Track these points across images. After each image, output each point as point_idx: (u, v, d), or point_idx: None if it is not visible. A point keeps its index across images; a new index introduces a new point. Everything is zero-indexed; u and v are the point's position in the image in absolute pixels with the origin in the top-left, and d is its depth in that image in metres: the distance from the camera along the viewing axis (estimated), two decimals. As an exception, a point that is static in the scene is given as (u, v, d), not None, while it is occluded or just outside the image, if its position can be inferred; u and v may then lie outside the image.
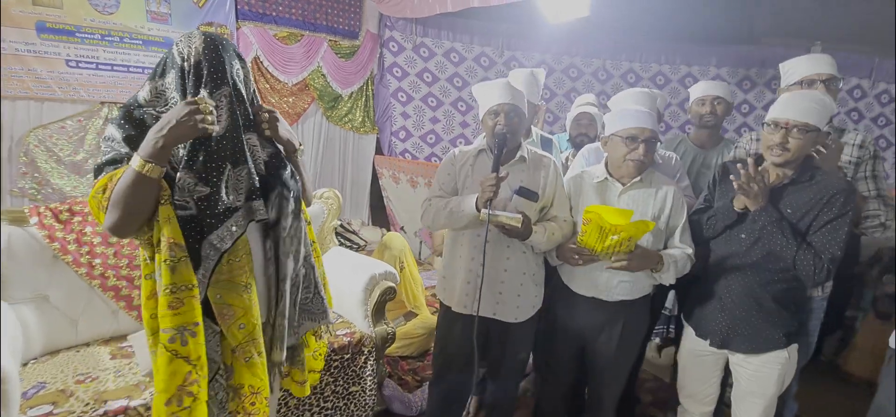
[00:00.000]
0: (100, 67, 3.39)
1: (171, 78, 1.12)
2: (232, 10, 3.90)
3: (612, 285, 1.63)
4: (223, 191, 1.09)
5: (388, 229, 4.96)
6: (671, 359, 2.60)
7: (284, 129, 1.27)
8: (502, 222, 1.55)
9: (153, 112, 1.17)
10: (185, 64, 1.10)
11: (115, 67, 3.44)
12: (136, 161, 1.00)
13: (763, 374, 1.55)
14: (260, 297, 1.22)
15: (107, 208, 1.05)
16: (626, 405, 2.12)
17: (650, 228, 1.47)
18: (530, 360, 1.95)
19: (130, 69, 3.45)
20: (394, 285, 2.06)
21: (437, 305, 1.89)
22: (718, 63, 5.18)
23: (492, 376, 1.87)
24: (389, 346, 2.06)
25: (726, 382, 1.77)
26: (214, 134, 1.07)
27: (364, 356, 1.97)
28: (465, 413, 1.90)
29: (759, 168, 1.46)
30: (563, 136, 2.62)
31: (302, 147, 1.35)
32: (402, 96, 4.96)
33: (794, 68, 1.76)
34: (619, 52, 5.11)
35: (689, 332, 1.72)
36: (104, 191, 1.06)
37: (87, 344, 1.83)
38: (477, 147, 1.76)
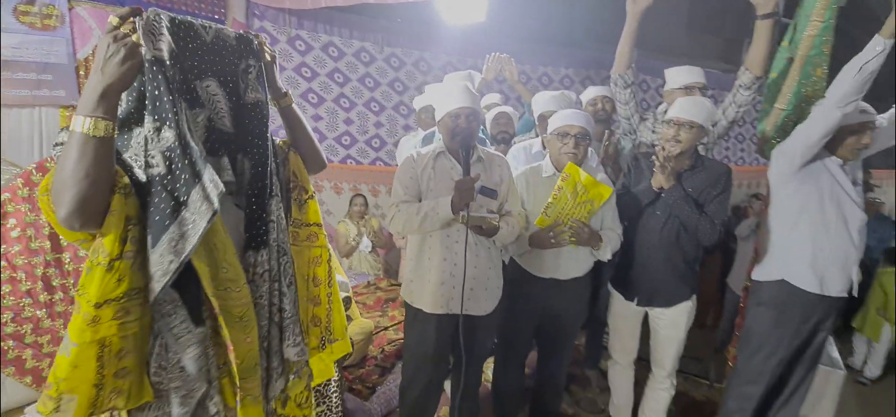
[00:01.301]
0: None
1: None
2: (61, -13, 3.13)
3: (566, 264, 1.87)
4: (188, 135, 0.91)
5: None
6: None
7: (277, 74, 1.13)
8: (480, 222, 1.64)
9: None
10: None
11: None
12: (77, 123, 0.81)
13: (678, 322, 1.97)
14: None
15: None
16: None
17: (608, 192, 1.76)
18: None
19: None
20: (349, 295, 1.99)
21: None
22: (567, 64, 6.00)
23: (465, 367, 1.95)
24: (350, 358, 1.99)
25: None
26: (146, 57, 0.88)
27: (327, 374, 1.87)
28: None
29: (667, 155, 1.84)
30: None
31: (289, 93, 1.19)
32: (279, 93, 4.60)
33: (676, 76, 2.23)
34: (484, 50, 5.54)
35: (616, 297, 2.07)
36: (48, 189, 0.86)
37: (-40, 434, 1.37)
38: (435, 150, 1.80)
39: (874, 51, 1.59)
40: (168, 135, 0.89)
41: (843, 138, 1.82)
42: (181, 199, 0.90)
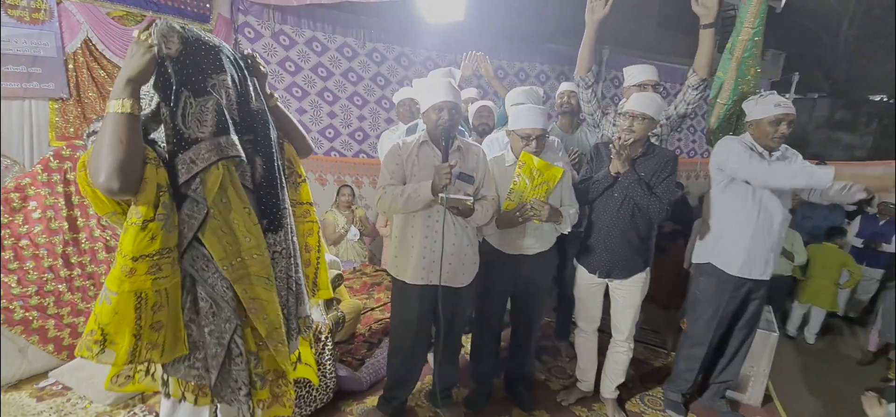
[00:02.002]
0: None
1: None
2: (50, -19, 3.20)
3: (532, 241, 2.10)
4: (178, 118, 1.08)
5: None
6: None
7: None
8: (456, 204, 1.85)
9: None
10: None
11: None
12: (110, 106, 1.01)
13: (633, 291, 2.23)
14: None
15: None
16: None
17: (560, 172, 2.00)
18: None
19: None
20: (340, 272, 2.18)
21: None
22: (542, 60, 6.25)
23: (444, 334, 2.16)
24: (341, 329, 2.18)
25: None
26: (164, 54, 1.07)
27: (321, 343, 2.06)
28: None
29: (622, 143, 2.08)
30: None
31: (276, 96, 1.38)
32: (263, 86, 4.71)
33: (632, 74, 2.48)
34: (464, 47, 5.73)
35: (581, 271, 2.31)
36: (86, 165, 1.04)
37: (-9, 394, 1.51)
38: (419, 139, 2.00)
39: (822, 183, 1.81)
40: (175, 123, 1.08)
41: (763, 128, 2.08)
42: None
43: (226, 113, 1.15)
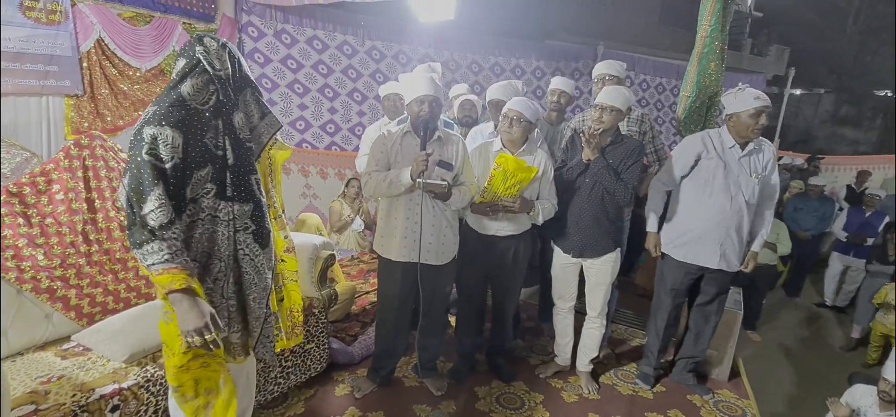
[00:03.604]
0: None
1: None
2: (65, -15, 3.41)
3: (504, 224, 2.28)
4: (252, 112, 1.45)
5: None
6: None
7: None
8: (433, 188, 2.02)
9: None
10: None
11: None
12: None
13: (604, 270, 2.39)
14: None
15: None
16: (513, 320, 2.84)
17: (535, 171, 2.14)
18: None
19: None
20: (333, 252, 2.37)
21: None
22: (538, 56, 6.39)
23: (426, 309, 2.34)
24: (334, 305, 2.37)
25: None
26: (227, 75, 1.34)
27: (315, 317, 2.26)
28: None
29: (592, 132, 2.24)
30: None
31: None
32: (266, 83, 4.91)
33: (598, 69, 2.65)
34: (461, 43, 5.90)
35: (557, 251, 2.49)
36: None
37: (21, 354, 1.72)
38: (403, 130, 2.18)
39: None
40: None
41: (743, 121, 2.21)
42: None
43: (259, 96, 1.42)
